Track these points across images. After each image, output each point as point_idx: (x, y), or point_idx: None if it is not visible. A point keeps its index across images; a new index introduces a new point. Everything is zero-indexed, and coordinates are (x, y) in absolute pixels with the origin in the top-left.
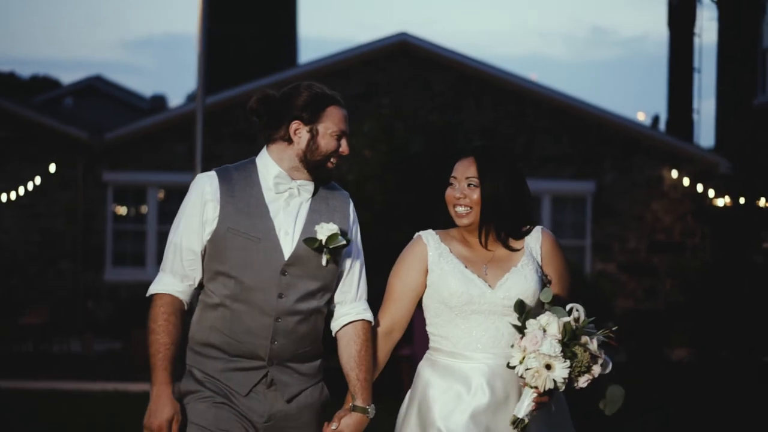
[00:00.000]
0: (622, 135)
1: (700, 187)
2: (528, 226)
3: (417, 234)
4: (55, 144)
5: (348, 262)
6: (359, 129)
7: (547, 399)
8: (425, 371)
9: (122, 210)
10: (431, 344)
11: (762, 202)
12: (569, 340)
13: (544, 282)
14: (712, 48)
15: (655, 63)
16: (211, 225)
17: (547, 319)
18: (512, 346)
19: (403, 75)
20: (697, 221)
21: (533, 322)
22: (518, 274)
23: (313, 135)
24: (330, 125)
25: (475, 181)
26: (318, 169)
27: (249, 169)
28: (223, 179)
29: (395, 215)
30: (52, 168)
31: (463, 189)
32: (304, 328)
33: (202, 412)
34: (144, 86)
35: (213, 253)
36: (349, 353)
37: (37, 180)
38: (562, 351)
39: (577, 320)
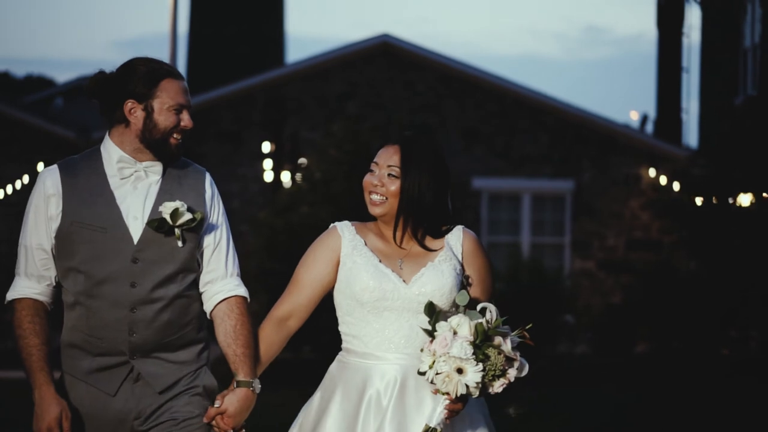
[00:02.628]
0: (600, 134)
1: (676, 186)
2: (448, 226)
3: (332, 224)
4: (43, 143)
5: (211, 239)
6: (329, 129)
7: (460, 406)
8: (334, 374)
9: None
10: (343, 345)
11: (739, 199)
12: (481, 342)
13: (463, 283)
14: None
15: (648, 62)
16: (56, 221)
17: (458, 320)
18: (422, 350)
19: (385, 76)
20: (661, 218)
21: (444, 324)
22: (434, 269)
23: (149, 112)
24: (166, 99)
25: (396, 171)
26: (161, 148)
27: (94, 158)
28: (65, 171)
29: (359, 215)
30: (40, 167)
31: (382, 177)
32: (167, 316)
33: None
34: None
35: (60, 249)
36: (225, 329)
37: (25, 179)
38: (473, 353)
39: (489, 321)
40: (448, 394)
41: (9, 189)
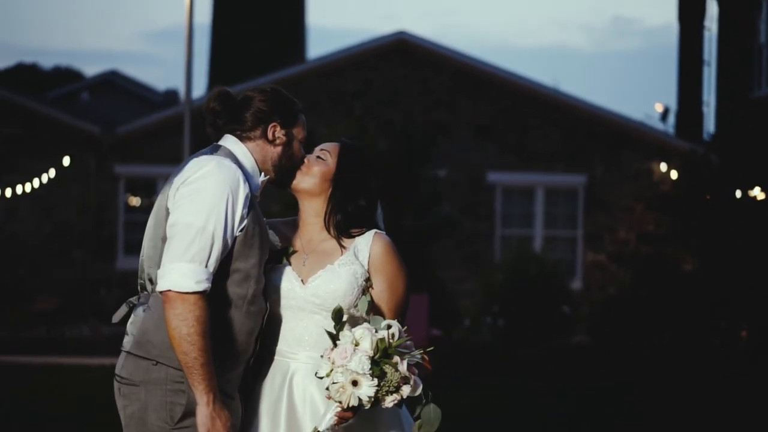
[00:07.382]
0: (612, 129)
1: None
2: (361, 229)
3: None
4: (68, 138)
5: None
6: (334, 128)
7: (350, 415)
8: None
9: (135, 201)
10: None
11: (752, 193)
12: (380, 358)
13: (364, 288)
14: None
15: (676, 54)
16: (245, 220)
17: (362, 332)
18: (321, 356)
19: (400, 73)
20: (654, 211)
21: (347, 334)
22: (332, 272)
23: (290, 139)
24: (301, 131)
25: (325, 154)
26: (285, 176)
27: (231, 160)
28: (240, 169)
29: None
30: (66, 161)
31: (311, 157)
32: None
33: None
34: (166, 77)
35: (240, 249)
36: None
37: (52, 173)
38: (371, 369)
39: (392, 337)
40: (340, 402)
41: (36, 182)
